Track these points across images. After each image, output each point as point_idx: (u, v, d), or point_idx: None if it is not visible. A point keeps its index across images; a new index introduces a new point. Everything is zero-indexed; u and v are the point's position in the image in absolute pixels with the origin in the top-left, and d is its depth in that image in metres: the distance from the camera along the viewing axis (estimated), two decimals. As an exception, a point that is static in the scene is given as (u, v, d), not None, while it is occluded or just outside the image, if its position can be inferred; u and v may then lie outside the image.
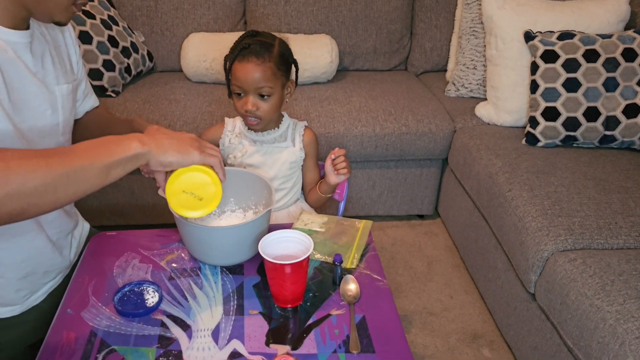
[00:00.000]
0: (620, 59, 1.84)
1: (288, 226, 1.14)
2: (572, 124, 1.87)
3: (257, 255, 1.08)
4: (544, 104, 1.89)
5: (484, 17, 2.11)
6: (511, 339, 1.68)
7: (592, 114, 1.85)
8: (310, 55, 2.27)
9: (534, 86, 1.92)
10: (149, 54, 2.42)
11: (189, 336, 0.90)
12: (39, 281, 1.04)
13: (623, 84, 1.84)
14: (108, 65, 2.13)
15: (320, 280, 1.04)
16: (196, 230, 1.02)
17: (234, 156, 1.36)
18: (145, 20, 2.41)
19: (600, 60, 1.85)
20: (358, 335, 0.91)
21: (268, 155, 1.34)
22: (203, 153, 0.90)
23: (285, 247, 0.98)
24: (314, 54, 2.29)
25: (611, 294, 1.24)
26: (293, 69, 1.30)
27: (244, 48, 1.21)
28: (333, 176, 1.30)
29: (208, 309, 0.96)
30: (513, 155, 1.85)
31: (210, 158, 0.91)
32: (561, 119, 1.87)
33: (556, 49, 1.89)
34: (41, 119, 0.97)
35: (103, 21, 2.18)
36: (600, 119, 1.85)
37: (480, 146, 1.96)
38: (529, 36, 1.97)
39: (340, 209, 1.47)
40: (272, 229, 1.01)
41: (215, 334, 0.91)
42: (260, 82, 1.21)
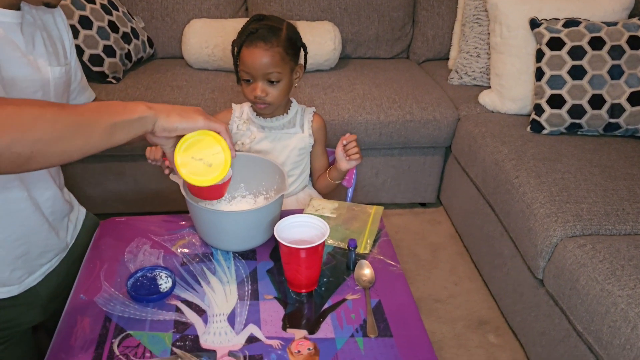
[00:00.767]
0: (626, 47, 1.84)
1: (299, 212, 1.13)
2: (578, 111, 1.86)
3: (270, 240, 1.07)
4: (549, 92, 1.88)
5: (489, 5, 2.10)
6: (517, 325, 1.69)
7: (597, 101, 1.85)
8: (313, 42, 2.25)
9: (540, 74, 1.91)
10: (149, 40, 2.39)
11: (205, 321, 0.90)
12: (34, 262, 1.02)
13: (628, 72, 1.83)
14: (109, 51, 2.11)
15: (334, 265, 1.03)
16: (210, 214, 1.01)
17: (242, 143, 1.34)
18: (145, 6, 2.38)
19: (606, 47, 1.84)
20: (375, 320, 0.91)
21: (277, 142, 1.33)
22: (208, 119, 0.88)
23: (300, 232, 0.97)
24: (317, 41, 2.27)
25: (622, 278, 1.25)
26: (301, 52, 1.28)
27: (251, 33, 1.18)
28: (344, 162, 1.28)
29: (222, 294, 0.96)
30: (519, 143, 1.85)
31: (215, 123, 0.89)
32: (566, 107, 1.86)
33: (562, 36, 1.88)
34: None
35: (103, 6, 2.15)
36: (605, 107, 1.85)
37: (485, 133, 1.95)
38: (534, 23, 1.96)
39: (349, 195, 1.46)
40: (284, 214, 1.00)
41: (231, 318, 0.90)
42: (269, 68, 1.19)
